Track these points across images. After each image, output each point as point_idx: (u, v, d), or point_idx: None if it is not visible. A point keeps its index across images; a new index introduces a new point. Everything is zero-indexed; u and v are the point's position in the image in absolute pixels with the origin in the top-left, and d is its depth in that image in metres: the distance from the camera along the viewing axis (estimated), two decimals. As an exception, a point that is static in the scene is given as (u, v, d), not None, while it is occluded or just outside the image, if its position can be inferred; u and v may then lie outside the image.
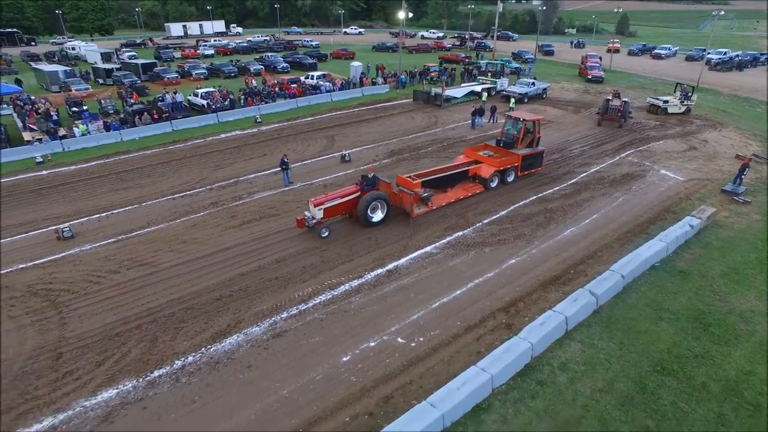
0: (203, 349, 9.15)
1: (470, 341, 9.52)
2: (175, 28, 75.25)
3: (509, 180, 17.11)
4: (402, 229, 13.89)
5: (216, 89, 28.59)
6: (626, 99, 25.67)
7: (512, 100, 26.66)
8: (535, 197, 16.05)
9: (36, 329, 9.88)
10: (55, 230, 13.56)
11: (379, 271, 11.71)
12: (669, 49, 52.29)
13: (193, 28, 75.75)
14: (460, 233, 13.59)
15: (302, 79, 32.73)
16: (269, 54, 47.53)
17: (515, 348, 8.70)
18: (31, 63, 50.83)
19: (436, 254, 12.54)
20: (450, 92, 28.81)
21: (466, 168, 16.71)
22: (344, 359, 8.91)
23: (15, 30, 65.42)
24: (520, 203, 15.58)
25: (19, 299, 10.92)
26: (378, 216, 14.17)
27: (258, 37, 67.82)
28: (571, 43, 60.52)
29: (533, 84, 29.63)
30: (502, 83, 31.09)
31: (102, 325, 9.92)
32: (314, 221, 13.40)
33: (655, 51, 51.57)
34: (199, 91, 27.09)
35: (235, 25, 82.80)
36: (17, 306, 10.66)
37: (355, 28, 77.62)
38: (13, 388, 8.32)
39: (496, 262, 12.20)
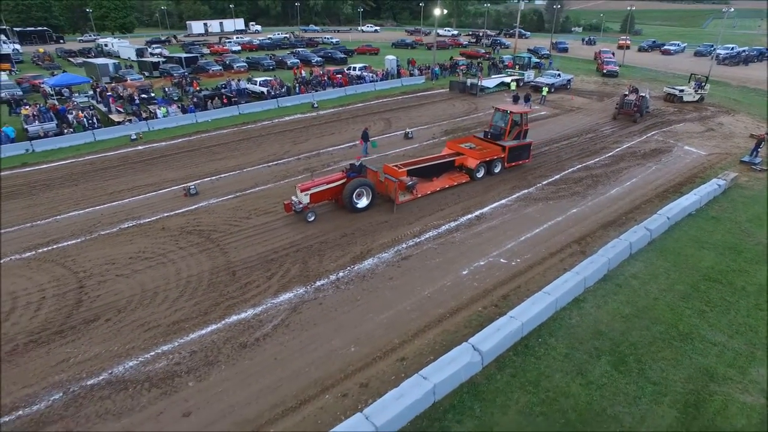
0: (348, 268, 11.68)
1: (556, 262, 12.08)
2: (197, 26, 77.74)
3: (496, 171, 17.53)
4: (474, 188, 16.28)
5: (272, 78, 31.12)
6: (644, 94, 26.60)
7: (545, 89, 29.21)
8: (580, 165, 18.69)
9: (205, 256, 12.33)
10: (183, 188, 16.09)
11: (469, 216, 14.34)
12: (678, 45, 55.38)
13: (214, 25, 78.17)
14: (525, 191, 16.22)
15: (345, 70, 35.42)
16: (300, 49, 50.14)
17: (597, 261, 11.27)
18: (70, 59, 53.43)
19: (510, 205, 15.18)
20: (484, 83, 31.59)
21: (452, 158, 17.26)
22: (463, 273, 11.47)
23: (45, 28, 67.87)
24: (569, 170, 18.20)
25: (178, 236, 13.39)
26: (363, 202, 14.72)
27: (277, 34, 70.26)
28: (583, 40, 63.43)
29: (559, 75, 32.47)
30: (529, 75, 33.92)
31: (257, 254, 12.41)
32: (301, 206, 13.94)
33: (665, 47, 54.60)
34: (257, 79, 29.75)
35: (254, 23, 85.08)
36: (180, 241, 13.12)
37: (371, 26, 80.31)
38: (212, 291, 10.80)
39: (561, 210, 14.83)
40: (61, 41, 68.73)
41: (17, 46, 59.35)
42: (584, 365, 8.70)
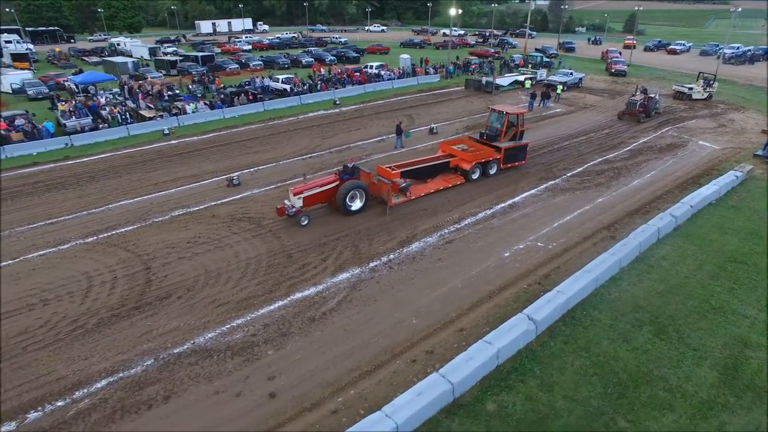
0: (397, 251, 12.47)
1: (589, 246, 12.87)
2: (205, 26, 78.55)
3: (491, 172, 17.32)
4: (502, 180, 17.01)
5: (294, 75, 31.96)
6: (653, 95, 26.48)
7: (559, 87, 30.03)
8: (600, 159, 19.49)
9: (259, 240, 13.08)
10: (226, 179, 16.84)
11: (502, 204, 15.16)
12: (683, 45, 56.42)
13: (222, 25, 79.03)
14: (551, 182, 17.01)
15: (363, 68, 36.22)
16: (312, 48, 50.94)
17: (629, 243, 12.08)
18: (84, 58, 54.04)
19: (540, 195, 15.98)
20: (498, 81, 32.37)
21: (447, 160, 17.08)
22: (505, 255, 12.27)
23: (56, 28, 68.52)
24: (590, 163, 18.99)
25: (230, 223, 14.13)
26: (357, 204, 14.53)
27: (286, 34, 70.98)
28: (589, 39, 64.44)
29: (571, 74, 33.28)
30: (541, 74, 34.70)
31: (309, 238, 13.17)
32: (294, 210, 13.67)
33: (671, 47, 55.62)
34: (279, 77, 30.55)
35: (262, 22, 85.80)
36: (232, 227, 13.87)
37: (378, 26, 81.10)
38: (272, 272, 11.56)
39: (588, 200, 15.64)
40: (72, 41, 69.39)
41: (30, 46, 60.16)
42: (628, 334, 9.49)
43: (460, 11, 63.66)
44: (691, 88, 30.58)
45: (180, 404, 7.95)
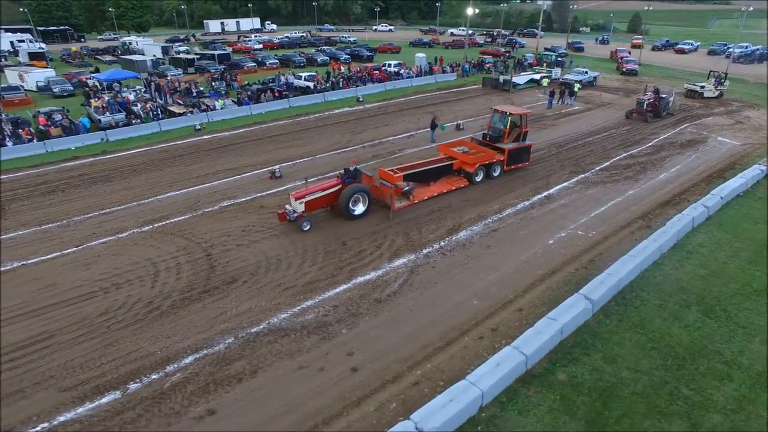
0: (447, 238, 13.04)
1: (627, 234, 13.48)
2: (213, 25, 78.99)
3: (495, 174, 17.05)
4: (535, 174, 17.55)
5: (316, 73, 32.56)
6: (665, 95, 26.51)
7: (577, 85, 30.57)
8: (625, 154, 20.08)
9: (312, 229, 13.52)
10: (268, 171, 17.40)
11: (539, 196, 15.75)
12: (691, 44, 57.22)
13: (231, 24, 79.41)
14: (582, 175, 17.58)
15: (382, 66, 36.69)
16: (326, 47, 51.47)
17: (668, 231, 12.68)
18: (97, 57, 54.40)
19: (573, 187, 16.56)
20: (515, 79, 32.96)
21: (450, 162, 16.74)
22: (550, 242, 12.85)
23: (67, 27, 68.81)
24: (616, 158, 19.57)
25: (276, 212, 14.58)
26: (360, 209, 14.23)
27: (294, 33, 71.42)
28: (596, 39, 65.06)
29: (586, 73, 33.90)
30: (556, 72, 35.29)
31: (359, 227, 13.69)
32: (296, 215, 13.39)
33: (679, 46, 56.45)
34: (302, 74, 31.15)
35: (270, 22, 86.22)
36: (282, 217, 14.39)
37: (386, 25, 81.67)
38: (330, 258, 12.08)
39: (619, 192, 16.24)
40: (82, 40, 69.73)
41: (42, 45, 60.50)
42: (678, 313, 10.05)
43: (477, 11, 64.16)
44: (702, 87, 31.30)
45: (268, 378, 8.49)
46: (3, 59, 48.57)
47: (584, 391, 8.09)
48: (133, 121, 23.44)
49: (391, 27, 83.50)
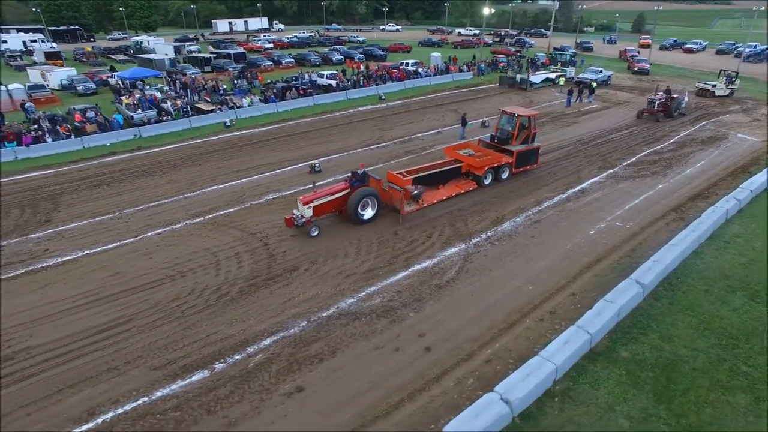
0: (492, 229, 13.56)
1: (662, 225, 14.01)
2: (222, 25, 79.59)
3: (503, 177, 16.87)
4: (566, 169, 17.99)
5: (338, 72, 33.13)
6: (676, 95, 26.54)
7: (593, 83, 31.08)
8: (649, 150, 20.64)
9: (385, 211, 14.06)
10: (309, 165, 17.88)
11: (573, 190, 16.26)
12: (699, 43, 57.86)
13: (239, 24, 79.93)
14: (611, 171, 18.10)
15: (400, 65, 37.22)
16: (339, 47, 51.98)
17: (705, 222, 13.19)
18: (110, 56, 54.76)
19: (604, 182, 17.07)
20: (531, 78, 33.47)
21: (458, 165, 16.48)
22: (591, 232, 13.38)
23: (77, 27, 69.16)
24: (641, 154, 20.10)
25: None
26: (368, 213, 14.03)
27: (303, 33, 71.88)
28: (604, 39, 65.72)
29: (601, 72, 34.41)
30: (570, 71, 35.81)
31: (411, 219, 14.10)
32: (303, 220, 13.22)
33: (687, 45, 57.12)
34: (324, 72, 31.67)
35: (277, 22, 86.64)
36: (328, 210, 14.83)
37: (393, 25, 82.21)
38: (385, 247, 12.59)
39: (648, 186, 16.78)
40: (92, 39, 70.13)
41: (54, 45, 60.80)
42: (724, 297, 10.56)
43: (493, 10, 64.64)
44: (714, 85, 31.89)
45: (347, 358, 8.97)
46: (18, 59, 49.10)
47: (647, 366, 8.62)
48: (164, 118, 23.96)
49: (399, 27, 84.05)
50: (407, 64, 36.94)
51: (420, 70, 36.19)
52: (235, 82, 30.96)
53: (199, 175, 18.11)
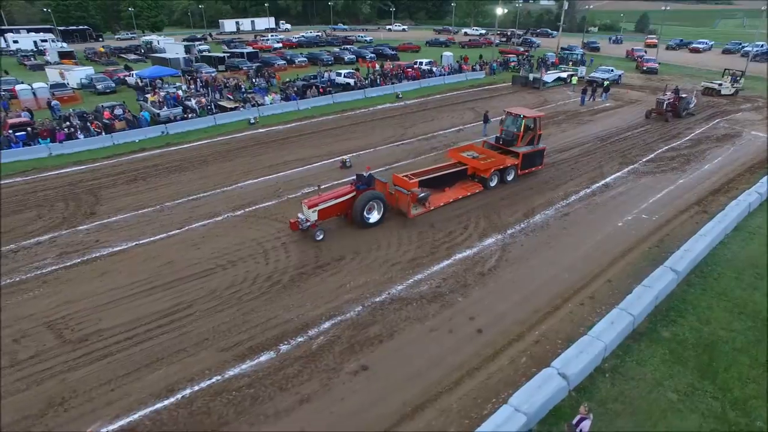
0: (525, 221, 14.12)
1: (686, 218, 14.58)
2: (229, 24, 79.95)
3: (509, 179, 16.81)
4: (588, 165, 18.49)
5: (355, 70, 33.70)
6: (685, 95, 26.80)
7: (606, 82, 31.63)
8: (666, 147, 21.21)
9: (395, 213, 14.47)
10: (340, 161, 18.41)
11: (597, 184, 16.81)
12: (706, 43, 58.48)
13: (246, 24, 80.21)
14: (631, 166, 18.66)
15: (414, 65, 37.76)
16: (349, 46, 52.66)
17: (729, 214, 13.73)
18: (121, 55, 55.14)
19: (626, 177, 17.64)
20: (544, 77, 33.98)
21: (464, 167, 16.46)
22: (619, 224, 13.96)
23: (86, 27, 69.54)
24: (659, 151, 20.68)
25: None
26: (374, 217, 13.94)
27: (310, 33, 72.32)
28: (610, 39, 66.35)
29: (612, 71, 34.95)
30: (581, 71, 36.34)
31: (443, 212, 14.62)
32: (308, 223, 13.08)
33: (693, 45, 57.68)
34: (342, 71, 32.23)
35: (284, 22, 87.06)
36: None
37: (399, 25, 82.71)
38: (424, 238, 13.10)
39: (669, 181, 17.36)
40: (101, 39, 70.54)
41: (64, 44, 61.17)
42: (755, 284, 11.11)
43: (506, 10, 64.93)
44: (720, 84, 32.45)
45: (404, 340, 9.48)
46: (32, 59, 49.49)
47: (689, 346, 9.15)
48: (189, 116, 24.43)
49: (405, 27, 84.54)
50: (421, 63, 37.53)
51: (434, 69, 36.85)
52: (254, 80, 31.58)
53: (232, 170, 18.63)
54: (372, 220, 13.97)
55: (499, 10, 44.26)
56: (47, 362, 9.06)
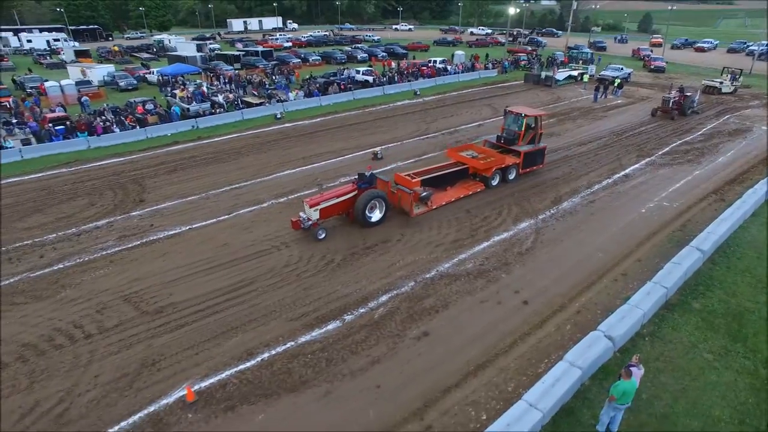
0: (554, 208, 15.00)
1: (705, 205, 15.47)
2: (237, 24, 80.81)
3: (510, 178, 16.89)
4: (607, 157, 19.30)
5: (373, 68, 34.55)
6: (689, 93, 27.24)
7: (617, 80, 32.56)
8: (680, 141, 22.10)
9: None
10: (372, 152, 19.28)
11: (618, 175, 17.69)
12: (710, 42, 59.63)
13: (253, 23, 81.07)
14: (648, 159, 19.56)
15: (430, 63, 38.63)
16: (360, 45, 53.42)
17: (747, 201, 14.63)
18: (134, 54, 55.84)
19: (644, 168, 18.53)
20: (556, 75, 34.79)
21: (466, 166, 16.56)
22: (642, 210, 14.84)
23: (96, 26, 70.24)
24: (673, 145, 21.57)
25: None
26: (376, 215, 13.99)
27: (318, 32, 73.09)
28: (615, 38, 67.37)
29: (621, 69, 35.85)
30: (591, 69, 37.20)
31: (475, 198, 15.49)
32: (310, 222, 13.15)
33: (698, 44, 58.82)
34: (360, 69, 33.07)
35: (291, 21, 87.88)
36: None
37: (405, 25, 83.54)
38: (462, 222, 13.97)
39: (686, 172, 18.24)
40: (110, 38, 71.20)
41: (75, 43, 61.81)
42: (775, 263, 11.90)
43: (518, 10, 65.81)
44: (721, 83, 33.19)
45: (458, 310, 10.34)
46: (48, 57, 50.18)
47: (718, 315, 10.01)
48: (217, 111, 25.23)
49: (411, 26, 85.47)
50: (435, 61, 38.46)
51: (448, 67, 37.72)
52: (274, 77, 32.36)
53: (267, 162, 19.46)
54: (374, 219, 14.03)
55: (512, 10, 45.09)
56: (131, 330, 9.91)
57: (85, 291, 11.25)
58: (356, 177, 14.41)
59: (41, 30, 64.19)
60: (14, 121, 22.19)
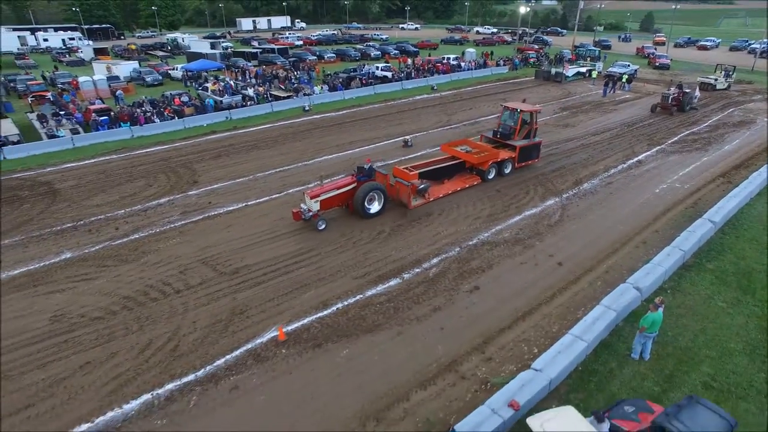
0: (576, 188, 16.43)
1: (713, 187, 16.87)
2: (246, 23, 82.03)
3: (506, 171, 17.35)
4: (620, 144, 20.65)
5: (391, 65, 35.97)
6: (688, 90, 27.93)
7: (625, 76, 33.98)
8: (687, 132, 23.49)
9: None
10: (402, 140, 20.66)
11: (632, 161, 19.12)
12: (713, 41, 61.04)
13: (262, 23, 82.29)
14: (659, 147, 20.98)
15: (444, 60, 40.18)
16: (370, 43, 54.75)
17: (753, 182, 16.08)
18: (149, 52, 57.01)
19: (655, 155, 19.96)
20: (566, 72, 36.09)
21: (463, 160, 16.95)
22: (656, 191, 16.29)
23: (109, 25, 71.44)
24: (681, 135, 22.99)
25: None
26: (375, 207, 14.41)
27: (326, 31, 74.38)
28: (619, 37, 68.82)
29: (628, 66, 37.18)
30: (599, 66, 38.54)
31: (501, 180, 16.79)
32: (310, 214, 13.54)
33: (701, 43, 60.07)
34: (379, 65, 34.25)
35: (299, 20, 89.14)
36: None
37: (411, 24, 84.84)
38: (493, 200, 15.36)
39: (695, 158, 19.65)
40: (122, 37, 72.38)
41: (89, 42, 62.97)
42: (778, 233, 13.24)
43: (528, 9, 66.95)
44: (716, 80, 34.29)
45: (501, 270, 11.74)
46: (67, 55, 51.36)
47: (730, 274, 11.44)
48: (248, 103, 26.49)
49: (417, 26, 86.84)
50: (449, 58, 39.95)
51: (462, 64, 39.15)
52: (296, 73, 33.64)
53: (304, 149, 20.79)
54: (373, 211, 14.48)
55: (522, 9, 46.36)
56: (215, 287, 11.25)
57: (165, 256, 12.61)
58: (356, 170, 14.97)
59: (56, 29, 65.36)
60: (62, 112, 23.50)
